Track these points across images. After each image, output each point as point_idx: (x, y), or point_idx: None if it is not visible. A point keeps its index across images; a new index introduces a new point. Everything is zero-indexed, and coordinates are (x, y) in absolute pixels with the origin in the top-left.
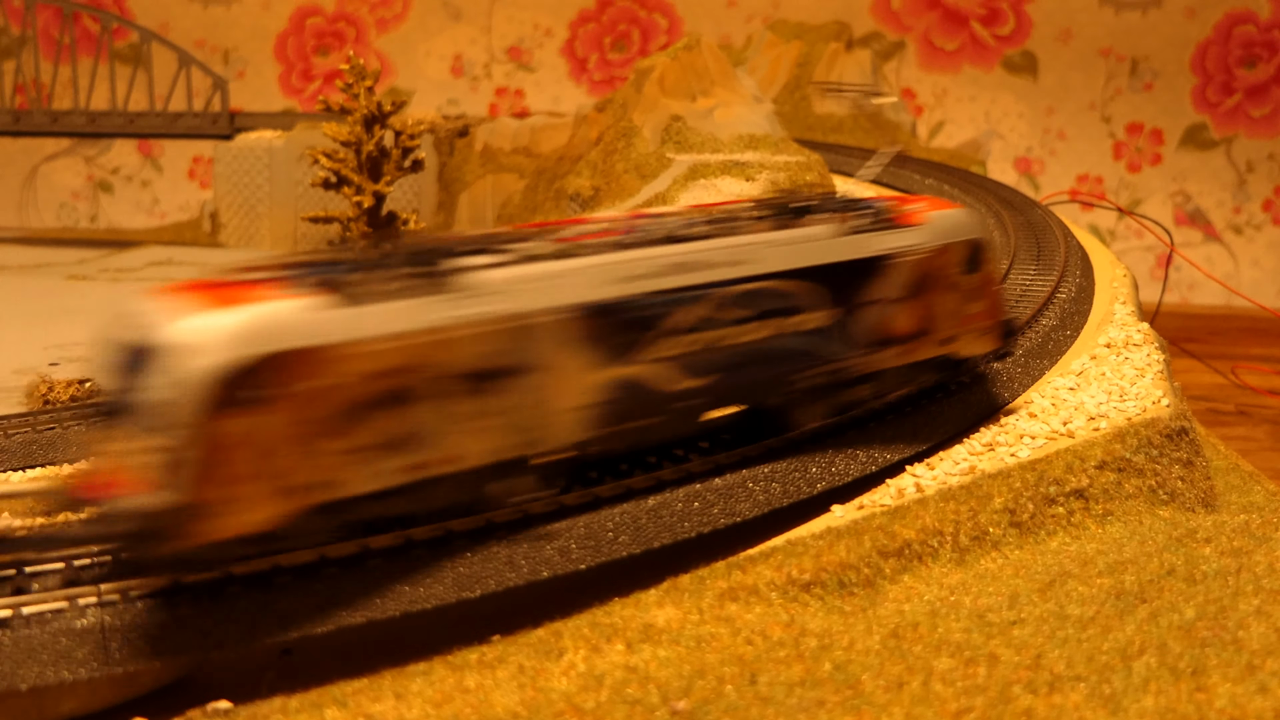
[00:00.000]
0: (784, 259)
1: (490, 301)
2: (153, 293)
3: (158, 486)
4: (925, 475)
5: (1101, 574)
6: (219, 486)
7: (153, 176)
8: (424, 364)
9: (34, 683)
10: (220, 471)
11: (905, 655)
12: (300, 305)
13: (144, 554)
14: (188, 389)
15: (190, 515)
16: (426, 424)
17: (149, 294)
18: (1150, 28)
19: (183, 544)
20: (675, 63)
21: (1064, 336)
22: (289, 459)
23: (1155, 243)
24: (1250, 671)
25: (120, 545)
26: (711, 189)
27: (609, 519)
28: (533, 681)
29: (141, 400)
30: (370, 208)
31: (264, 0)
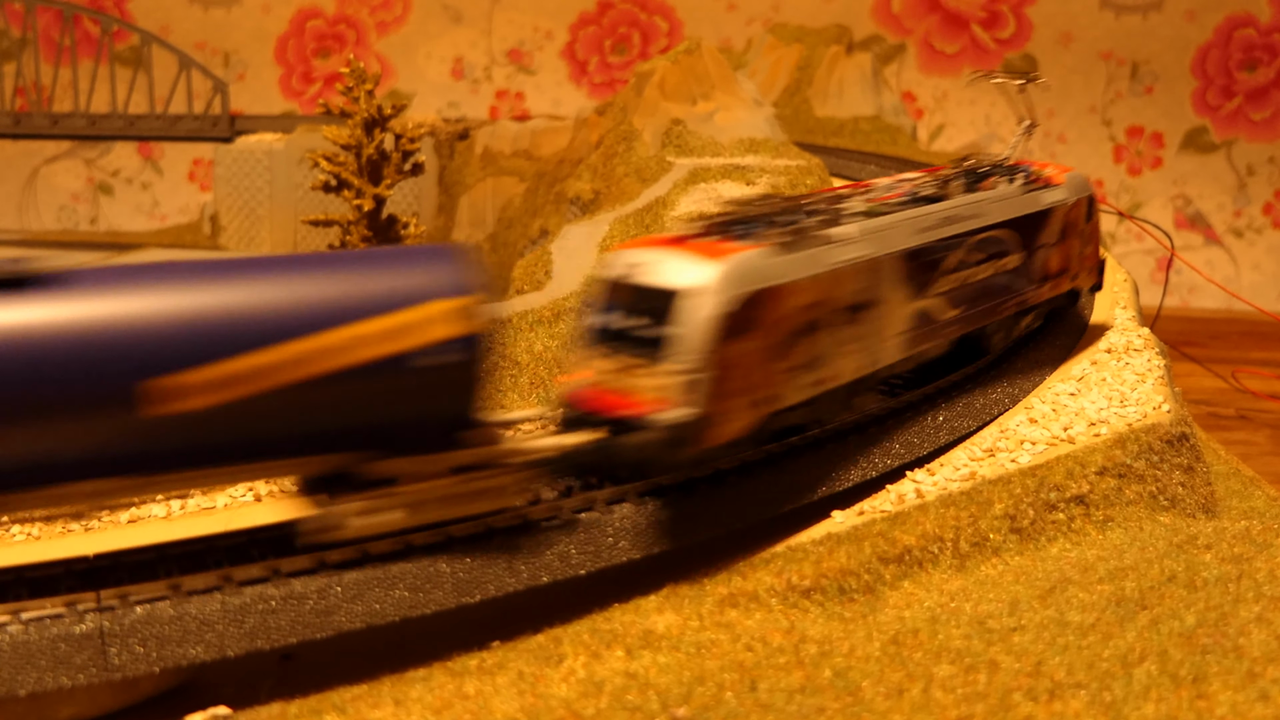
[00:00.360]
0: (1000, 213)
1: (860, 248)
2: (638, 245)
3: (682, 403)
4: (926, 481)
5: (1102, 580)
6: (720, 402)
7: (153, 179)
8: (827, 298)
9: (33, 688)
10: (721, 389)
11: (905, 662)
12: (758, 255)
13: (669, 459)
14: (702, 324)
15: (703, 425)
16: (824, 348)
17: (632, 247)
18: (1150, 31)
19: (695, 450)
20: (676, 66)
21: (1065, 341)
22: (757, 378)
23: (1156, 246)
24: (1251, 679)
25: (651, 453)
26: (712, 193)
27: (609, 524)
28: (532, 688)
29: (657, 333)
30: (370, 211)
31: (264, 3)
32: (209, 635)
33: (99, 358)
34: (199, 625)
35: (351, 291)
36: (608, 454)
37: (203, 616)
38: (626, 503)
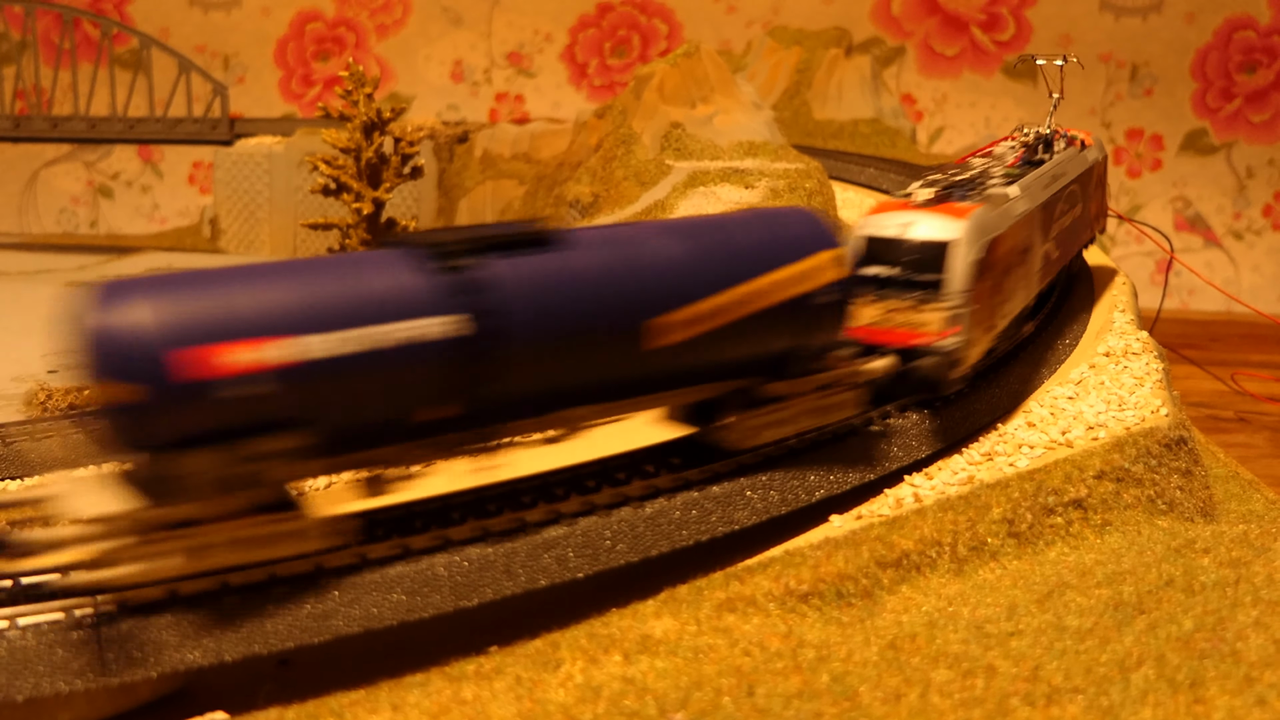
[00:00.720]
0: (1074, 169)
1: (1025, 203)
2: (888, 210)
3: (956, 331)
4: (924, 485)
5: (1100, 585)
6: (974, 331)
7: (153, 182)
8: (1015, 244)
9: (30, 694)
10: (974, 321)
11: (903, 667)
12: (983, 212)
13: (948, 378)
14: (965, 268)
15: (965, 351)
16: (1011, 284)
17: (883, 212)
18: (1150, 33)
19: (961, 370)
20: (675, 69)
21: (1063, 345)
22: (988, 310)
23: (1155, 248)
24: (1248, 684)
25: (939, 373)
26: (711, 196)
27: (606, 527)
28: (530, 693)
29: (932, 278)
30: (370, 214)
31: (264, 6)
32: (206, 640)
33: (620, 302)
34: (197, 630)
35: (768, 245)
36: (910, 375)
37: (200, 621)
38: (624, 506)
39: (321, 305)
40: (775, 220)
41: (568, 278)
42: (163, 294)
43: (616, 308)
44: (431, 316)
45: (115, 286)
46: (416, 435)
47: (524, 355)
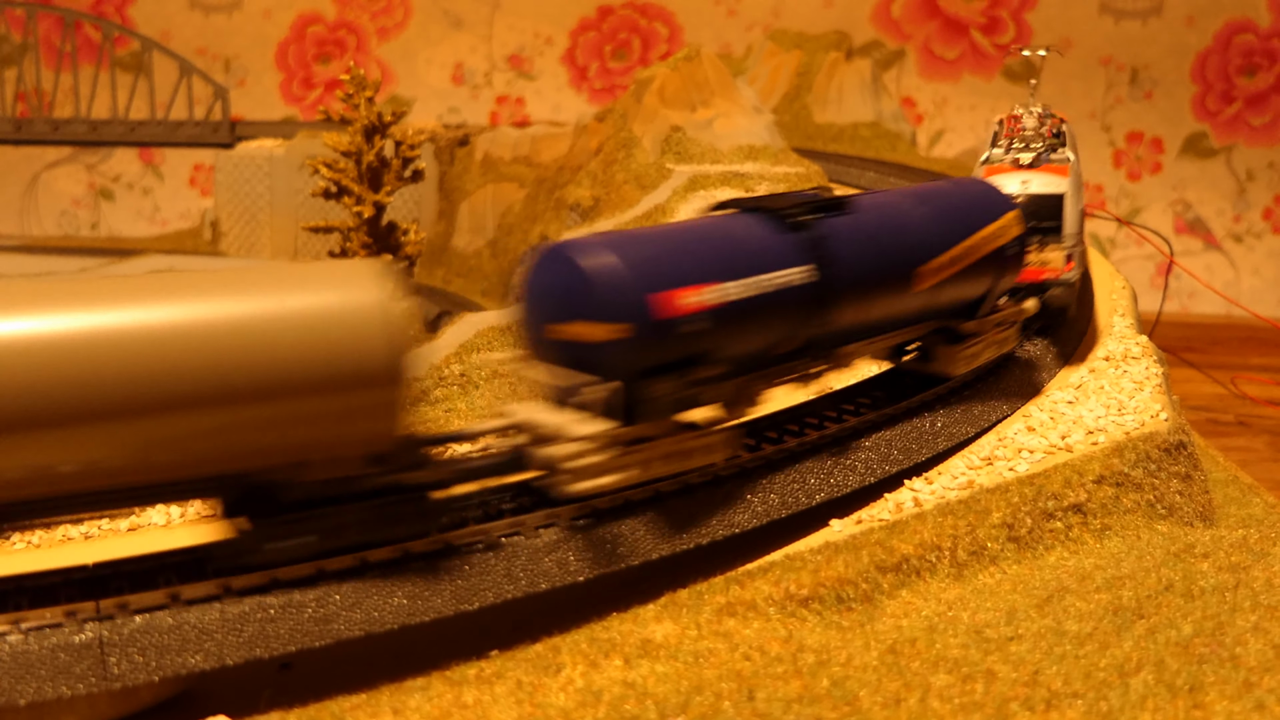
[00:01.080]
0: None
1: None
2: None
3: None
4: (923, 490)
5: (1099, 589)
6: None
7: (154, 184)
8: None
9: (33, 698)
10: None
11: (903, 671)
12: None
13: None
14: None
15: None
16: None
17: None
18: (1150, 36)
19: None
20: (675, 73)
21: (1062, 349)
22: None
23: (1155, 252)
24: (1247, 688)
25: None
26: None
27: (607, 530)
28: (530, 697)
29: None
30: (370, 218)
31: (265, 9)
32: (208, 644)
33: (901, 254)
34: (198, 634)
35: (975, 208)
36: (1046, 305)
37: (202, 625)
38: (625, 509)
39: (728, 257)
40: (971, 187)
41: (867, 235)
42: (626, 250)
43: (899, 258)
44: (793, 267)
45: (583, 245)
46: (771, 365)
47: (847, 297)
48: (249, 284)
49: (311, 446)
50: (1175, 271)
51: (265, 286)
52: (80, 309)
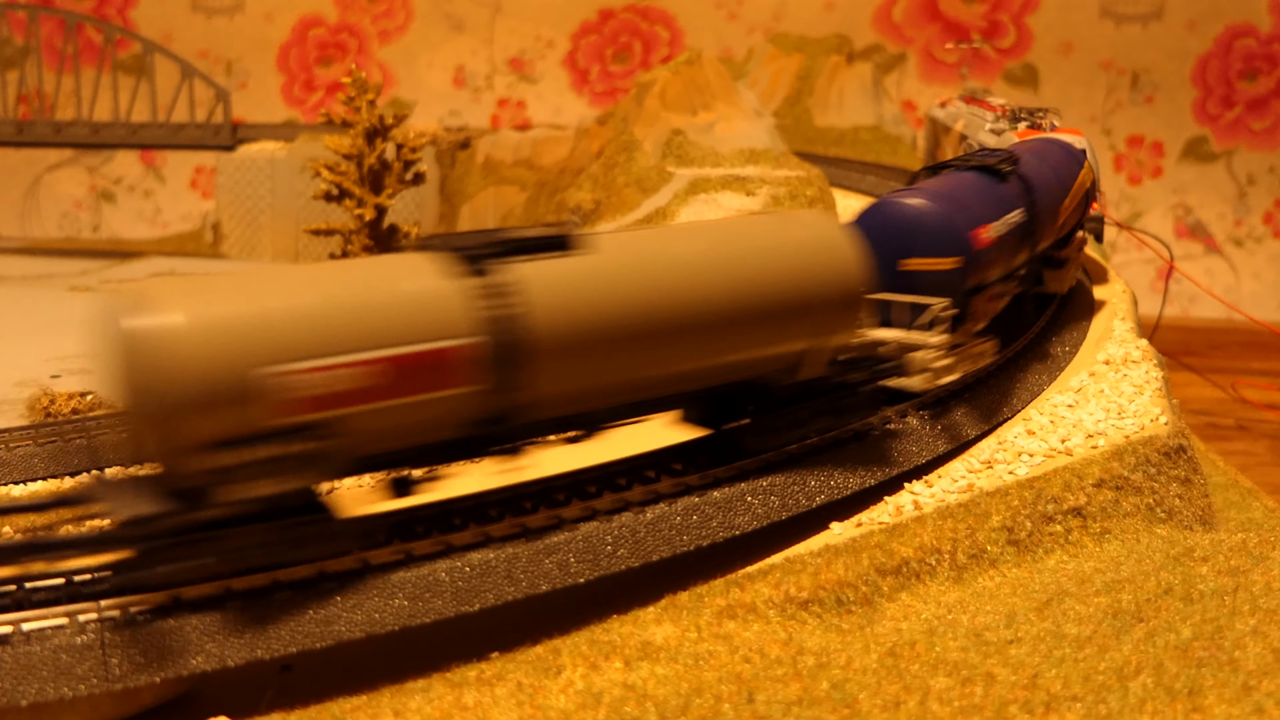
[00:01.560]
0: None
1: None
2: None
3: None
4: (924, 493)
5: (1099, 593)
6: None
7: (155, 187)
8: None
9: (35, 699)
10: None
11: (902, 674)
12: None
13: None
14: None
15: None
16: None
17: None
18: (1151, 41)
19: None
20: (676, 77)
21: (1063, 353)
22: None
23: (1155, 256)
24: (1246, 692)
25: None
26: (712, 203)
27: (607, 532)
28: (531, 699)
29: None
30: (372, 220)
31: (266, 11)
32: (210, 645)
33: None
34: (200, 635)
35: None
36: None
37: (203, 626)
38: (626, 511)
39: (988, 204)
40: (1060, 146)
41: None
42: (947, 201)
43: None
44: (1017, 209)
45: (918, 200)
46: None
47: (1046, 226)
48: (770, 225)
49: (811, 350)
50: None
51: (780, 227)
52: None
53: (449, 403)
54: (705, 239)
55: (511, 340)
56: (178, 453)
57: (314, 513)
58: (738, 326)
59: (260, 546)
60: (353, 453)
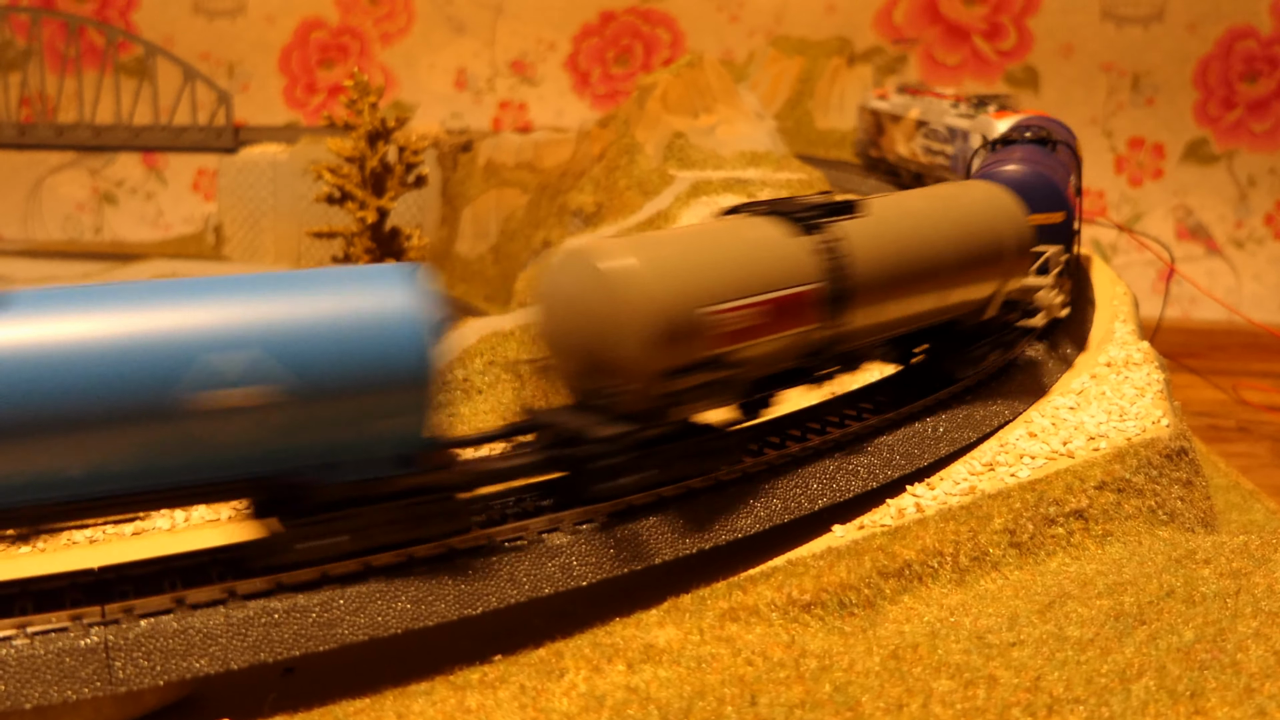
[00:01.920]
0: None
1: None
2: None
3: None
4: (925, 495)
5: (1101, 595)
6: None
7: (157, 189)
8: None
9: (38, 702)
10: None
11: (905, 677)
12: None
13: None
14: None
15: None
16: None
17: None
18: (1152, 42)
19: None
20: (678, 79)
21: (1064, 355)
22: None
23: (1156, 258)
24: (1248, 694)
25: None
26: (714, 206)
27: (610, 535)
28: (534, 702)
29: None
30: (374, 223)
31: (268, 14)
32: (213, 648)
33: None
34: (203, 638)
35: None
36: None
37: (207, 629)
38: (628, 514)
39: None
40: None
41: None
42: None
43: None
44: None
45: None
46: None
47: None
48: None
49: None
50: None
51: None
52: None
53: (800, 336)
54: (934, 202)
55: (840, 285)
56: (647, 378)
57: (710, 432)
58: (962, 272)
59: (688, 458)
60: (744, 380)
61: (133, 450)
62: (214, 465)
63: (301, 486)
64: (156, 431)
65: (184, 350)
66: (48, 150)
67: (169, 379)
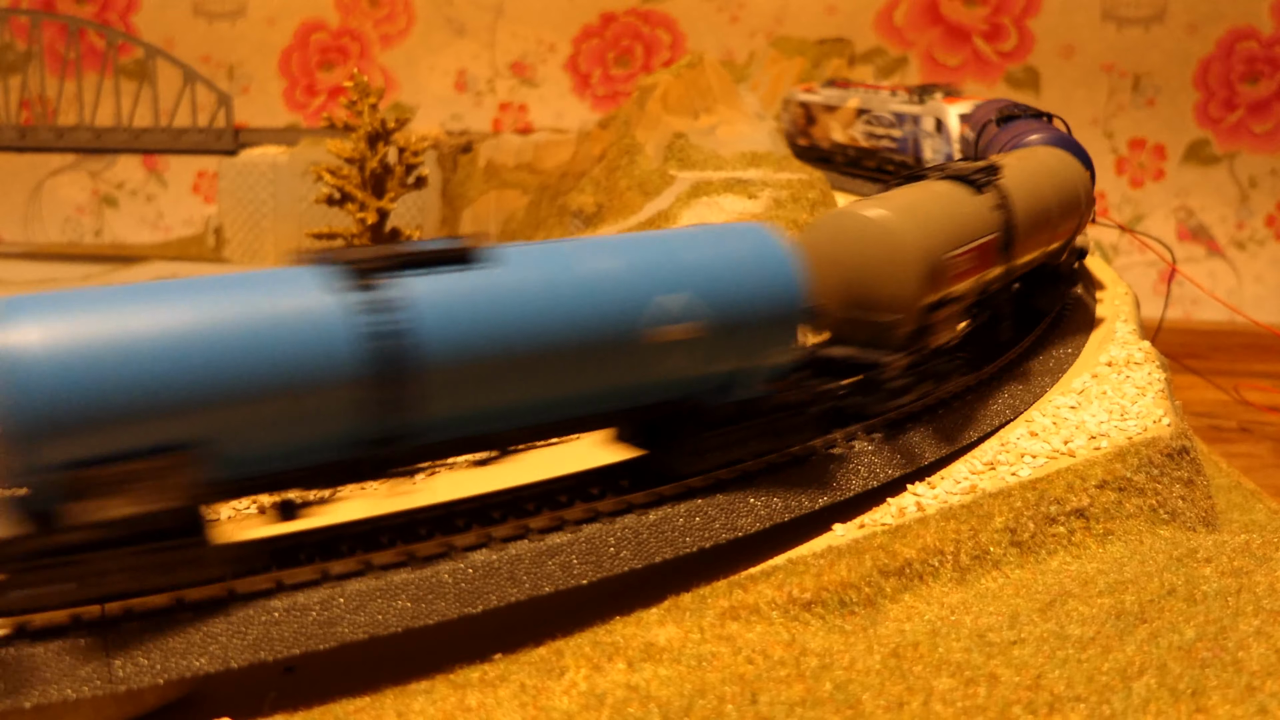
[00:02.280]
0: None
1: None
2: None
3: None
4: (926, 494)
5: (1102, 594)
6: None
7: (157, 191)
8: None
9: (38, 700)
10: None
11: (906, 675)
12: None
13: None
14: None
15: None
16: None
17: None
18: (1153, 43)
19: None
20: (678, 80)
21: (1065, 354)
22: None
23: (1158, 258)
24: (1250, 693)
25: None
26: (714, 206)
27: (611, 533)
28: (534, 700)
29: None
30: (374, 224)
31: (268, 16)
32: (213, 647)
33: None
34: (203, 637)
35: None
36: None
37: (207, 628)
38: (629, 513)
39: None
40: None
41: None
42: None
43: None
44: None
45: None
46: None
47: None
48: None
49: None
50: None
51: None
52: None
53: (986, 275)
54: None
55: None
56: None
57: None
58: (1064, 219)
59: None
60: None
61: (599, 378)
62: (648, 391)
63: (698, 408)
64: (619, 361)
65: (643, 292)
66: (48, 153)
67: (634, 316)
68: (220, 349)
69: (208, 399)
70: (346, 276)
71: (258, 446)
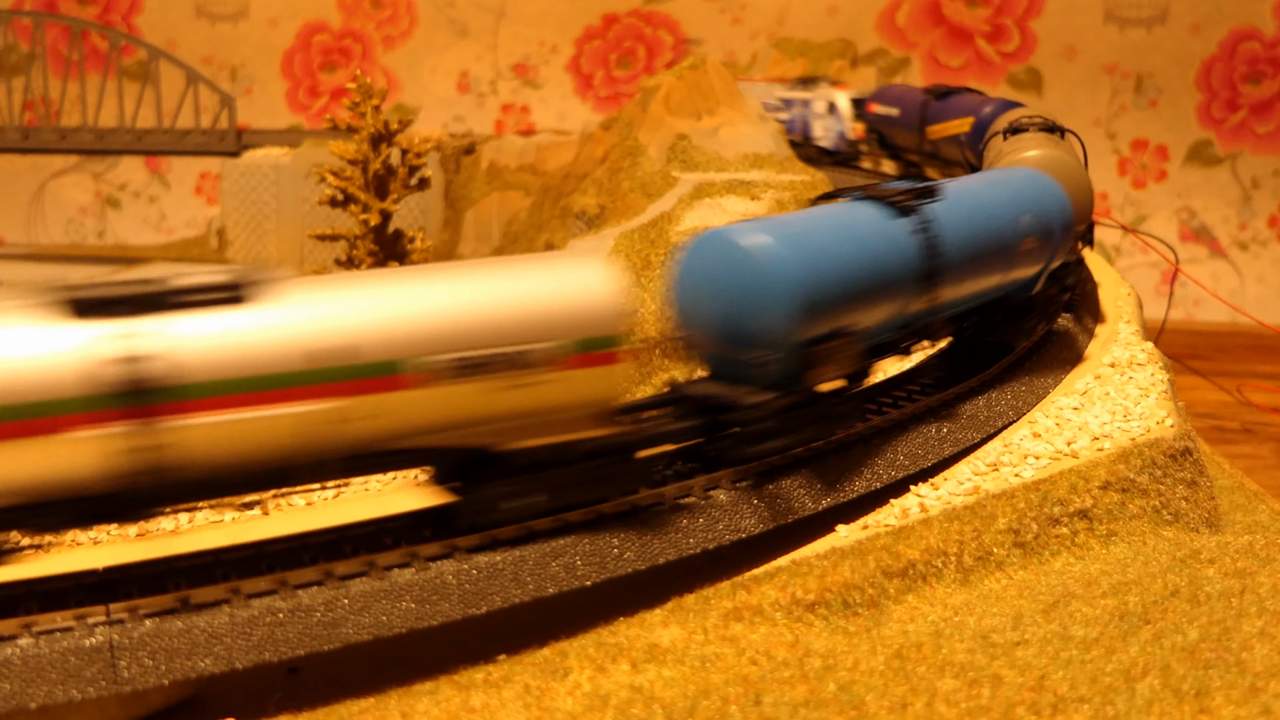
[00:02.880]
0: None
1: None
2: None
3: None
4: (929, 495)
5: (1105, 595)
6: None
7: (160, 193)
8: None
9: (43, 701)
10: None
11: (909, 676)
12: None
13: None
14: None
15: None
16: None
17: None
18: (1155, 44)
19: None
20: (681, 81)
21: (1068, 356)
22: None
23: (1160, 259)
24: (1253, 693)
25: None
26: (717, 208)
27: (614, 535)
28: (538, 701)
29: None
30: (377, 226)
31: (271, 18)
32: (217, 648)
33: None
34: (207, 638)
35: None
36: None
37: (211, 629)
38: (630, 515)
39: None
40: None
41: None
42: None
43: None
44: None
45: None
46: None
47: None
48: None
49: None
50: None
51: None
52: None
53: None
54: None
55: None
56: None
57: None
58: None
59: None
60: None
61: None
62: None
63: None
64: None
65: (1019, 211)
66: (51, 154)
67: (1016, 229)
68: (859, 264)
69: (859, 301)
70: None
71: (873, 333)
